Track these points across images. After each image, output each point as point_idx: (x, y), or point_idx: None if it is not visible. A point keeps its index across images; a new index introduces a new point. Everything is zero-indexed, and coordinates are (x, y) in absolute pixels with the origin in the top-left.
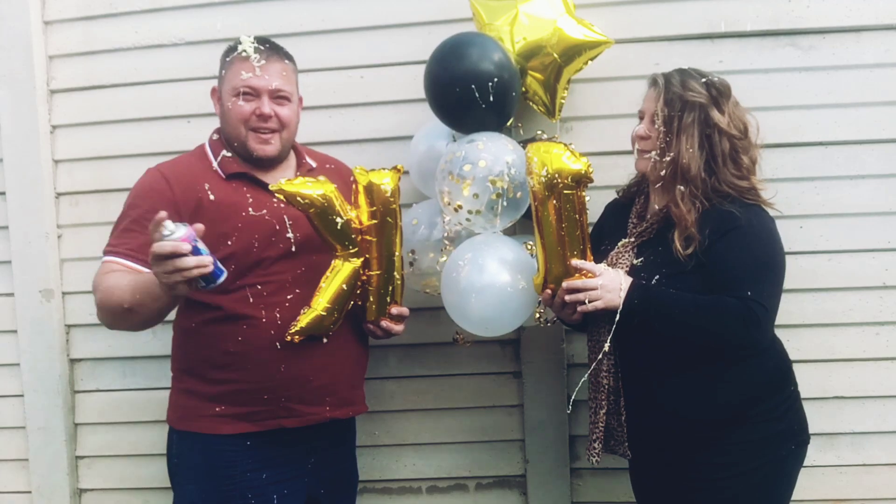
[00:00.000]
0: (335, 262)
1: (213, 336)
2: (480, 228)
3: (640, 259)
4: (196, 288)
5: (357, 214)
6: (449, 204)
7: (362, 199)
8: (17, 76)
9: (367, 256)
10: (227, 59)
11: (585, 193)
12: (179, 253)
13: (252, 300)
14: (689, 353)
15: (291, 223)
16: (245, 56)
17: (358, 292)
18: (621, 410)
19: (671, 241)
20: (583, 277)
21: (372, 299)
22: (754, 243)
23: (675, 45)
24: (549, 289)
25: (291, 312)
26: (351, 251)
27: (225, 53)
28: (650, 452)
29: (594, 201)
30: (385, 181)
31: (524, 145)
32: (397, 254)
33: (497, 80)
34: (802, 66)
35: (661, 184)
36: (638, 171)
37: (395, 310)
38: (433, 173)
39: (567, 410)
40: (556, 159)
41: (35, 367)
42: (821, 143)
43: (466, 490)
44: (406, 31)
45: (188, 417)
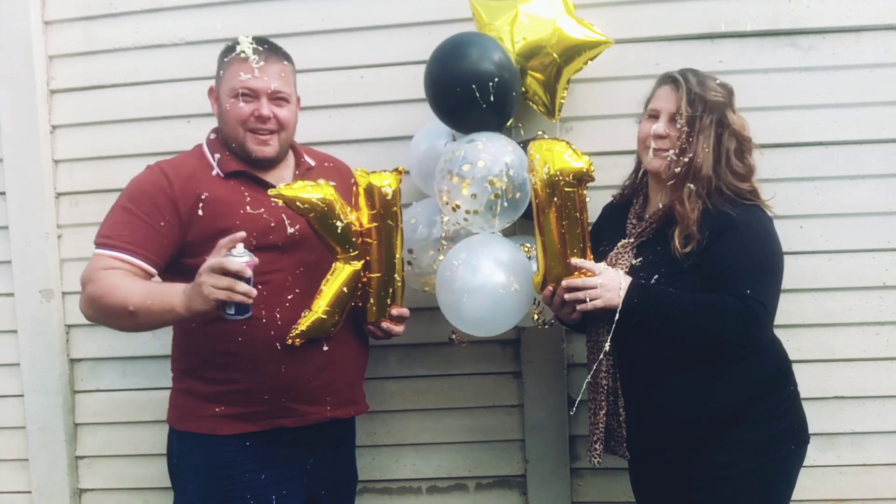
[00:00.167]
0: (335, 265)
1: (213, 336)
2: (479, 228)
3: (638, 259)
4: (223, 311)
5: (357, 217)
6: (447, 203)
7: (362, 201)
8: (17, 76)
9: (368, 259)
10: (225, 60)
11: (585, 193)
12: (241, 276)
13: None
14: (689, 353)
15: (290, 221)
16: (244, 57)
17: (358, 294)
18: (620, 411)
19: (670, 238)
20: (583, 276)
21: (372, 301)
22: (752, 242)
23: (675, 45)
24: (549, 287)
25: (292, 313)
26: (351, 254)
27: (223, 54)
28: (650, 452)
29: (594, 201)
30: (386, 183)
31: (524, 145)
32: (398, 256)
33: (497, 79)
34: (802, 66)
35: (672, 182)
36: (650, 169)
37: (395, 311)
38: (433, 173)
39: (570, 412)
40: (557, 157)
41: (35, 367)
42: (821, 143)
43: (466, 490)
44: (406, 31)
45: (188, 418)
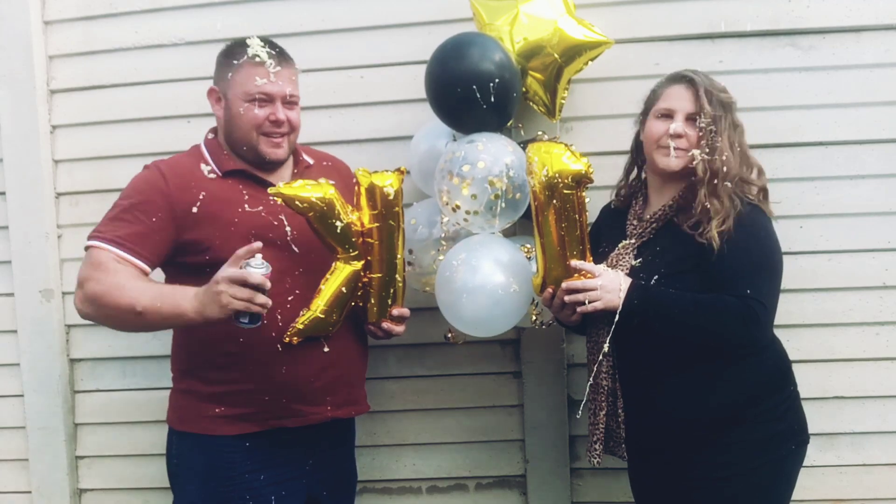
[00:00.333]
0: (335, 264)
1: (213, 337)
2: (478, 229)
3: (638, 260)
4: (236, 320)
5: (359, 217)
6: (447, 204)
7: (364, 201)
8: (17, 76)
9: (369, 259)
10: (235, 63)
11: (585, 194)
12: (262, 288)
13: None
14: (689, 353)
15: (289, 221)
16: (259, 62)
17: (359, 294)
18: (620, 412)
19: (674, 238)
20: (582, 278)
21: (373, 301)
22: (752, 242)
23: (675, 45)
24: (549, 289)
25: (292, 313)
26: (351, 254)
27: (229, 55)
28: (650, 452)
29: (593, 202)
30: (388, 183)
31: (524, 146)
32: (399, 256)
33: (498, 80)
34: (802, 66)
35: (692, 181)
36: (667, 169)
37: (396, 311)
38: (433, 173)
39: (577, 415)
40: (556, 159)
41: (35, 367)
42: (821, 143)
43: (466, 490)
44: (406, 31)
45: (188, 418)
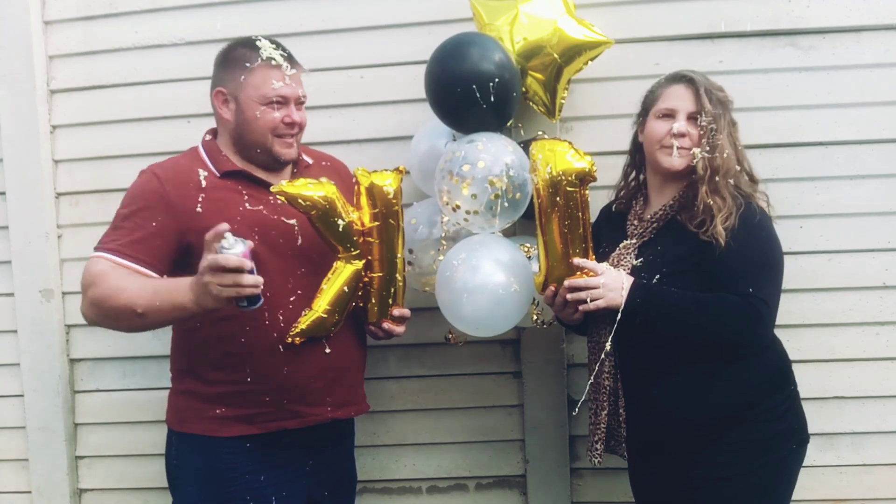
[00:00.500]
0: (337, 264)
1: (214, 337)
2: (479, 228)
3: (639, 259)
4: (236, 305)
5: (359, 216)
6: (447, 203)
7: (364, 200)
8: (17, 76)
9: (369, 258)
10: (249, 65)
11: (588, 193)
12: (242, 269)
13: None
14: (690, 353)
15: (291, 221)
16: (276, 64)
17: (359, 294)
18: (621, 411)
19: (676, 237)
20: (585, 276)
21: (374, 301)
22: (752, 241)
23: (675, 45)
24: (551, 288)
25: (294, 314)
26: (353, 253)
27: (241, 57)
28: (650, 452)
29: (593, 201)
30: (387, 182)
31: (524, 146)
32: (399, 255)
33: (498, 80)
34: (802, 66)
35: (693, 179)
36: (670, 168)
37: (396, 311)
38: (434, 173)
39: (574, 412)
40: (560, 158)
41: (35, 367)
42: (821, 143)
43: (466, 490)
44: (406, 31)
45: (188, 419)
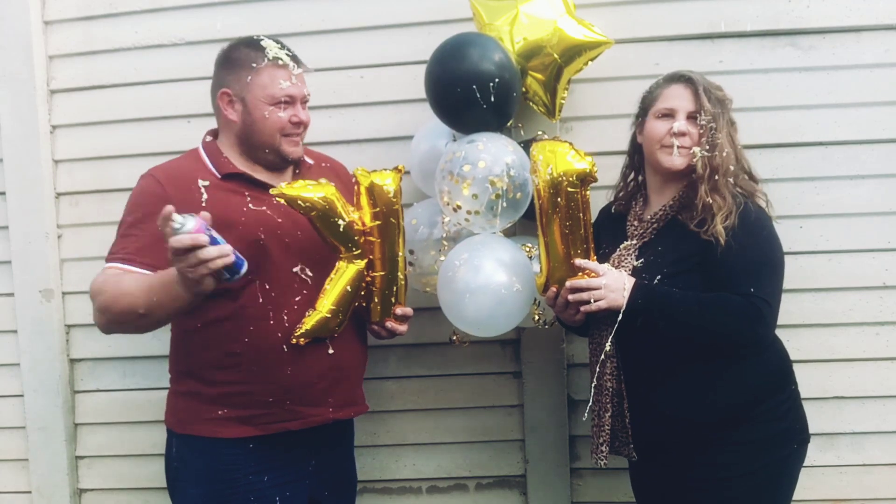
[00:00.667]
0: (339, 264)
1: (217, 337)
2: (479, 229)
3: (640, 260)
4: (221, 280)
5: (360, 216)
6: (448, 204)
7: (364, 200)
8: (17, 76)
9: (371, 258)
10: (255, 66)
11: (589, 193)
12: (199, 245)
13: (261, 300)
14: (691, 353)
15: (294, 222)
16: (283, 64)
17: (362, 293)
18: (625, 412)
19: (676, 237)
20: (586, 277)
21: (376, 300)
22: (752, 241)
23: (675, 45)
24: (553, 289)
25: (299, 315)
26: (354, 253)
27: (247, 58)
28: (651, 452)
29: (593, 202)
30: (387, 182)
31: (524, 146)
32: (400, 254)
33: (498, 80)
34: (802, 66)
35: (693, 178)
36: (671, 168)
37: (399, 310)
38: (434, 173)
39: (583, 418)
40: (560, 158)
41: (35, 367)
42: (821, 143)
43: (466, 490)
44: (406, 31)
45: (189, 420)
